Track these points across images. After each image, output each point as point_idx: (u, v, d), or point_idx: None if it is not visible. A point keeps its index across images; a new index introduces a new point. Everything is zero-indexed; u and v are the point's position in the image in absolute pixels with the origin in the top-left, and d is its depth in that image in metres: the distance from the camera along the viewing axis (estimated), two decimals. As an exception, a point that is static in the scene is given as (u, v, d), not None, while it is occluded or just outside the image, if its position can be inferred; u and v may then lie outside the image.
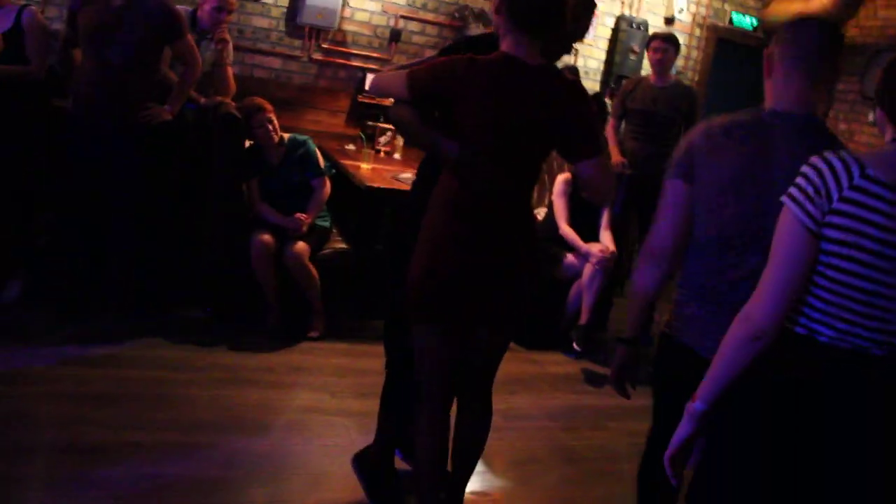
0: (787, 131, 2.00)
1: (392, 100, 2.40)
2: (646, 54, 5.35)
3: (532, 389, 4.23)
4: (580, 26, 2.60)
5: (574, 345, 4.67)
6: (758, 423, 1.76)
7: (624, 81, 5.64)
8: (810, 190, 1.67)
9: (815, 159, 1.69)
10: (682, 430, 1.84)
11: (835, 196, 1.65)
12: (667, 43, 5.16)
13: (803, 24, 2.09)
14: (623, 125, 5.42)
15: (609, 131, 5.32)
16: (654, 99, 5.16)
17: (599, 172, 2.33)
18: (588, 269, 4.67)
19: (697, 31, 7.14)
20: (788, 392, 1.71)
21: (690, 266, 2.16)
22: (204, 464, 2.99)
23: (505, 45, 2.29)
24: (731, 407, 1.78)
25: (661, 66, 5.16)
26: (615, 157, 5.19)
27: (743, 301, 1.76)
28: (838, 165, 1.66)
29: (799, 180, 1.70)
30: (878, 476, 1.68)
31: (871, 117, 7.21)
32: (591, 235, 4.82)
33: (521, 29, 2.25)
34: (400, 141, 5.73)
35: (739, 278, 2.02)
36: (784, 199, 1.71)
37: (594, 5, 2.69)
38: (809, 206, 1.66)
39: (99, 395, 3.35)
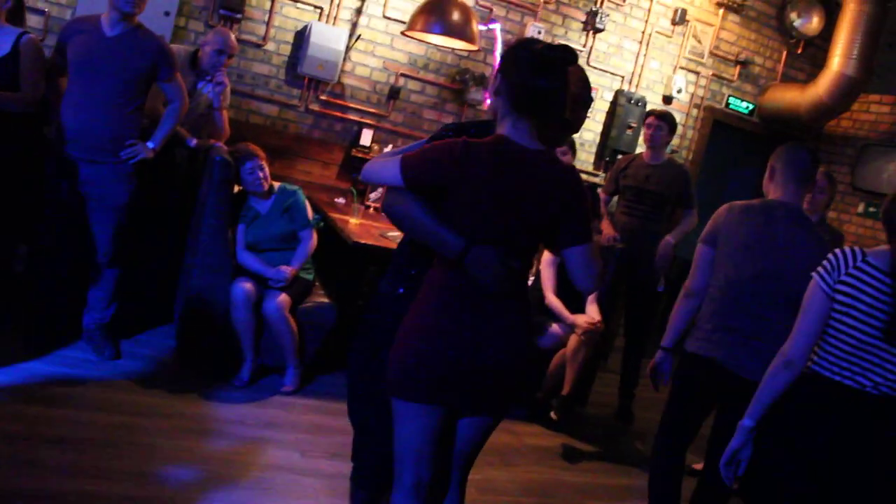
0: (785, 215, 3.03)
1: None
2: (641, 130, 5.36)
3: (509, 462, 4.10)
4: (576, 118, 2.55)
5: (552, 414, 4.56)
6: (790, 438, 2.54)
7: (619, 158, 5.64)
8: (829, 267, 2.50)
9: (836, 249, 2.52)
10: (735, 442, 2.60)
11: (842, 272, 2.47)
12: (661, 120, 5.16)
13: (796, 149, 3.10)
14: (615, 200, 5.41)
15: (601, 207, 5.31)
16: (647, 177, 5.15)
17: (587, 260, 2.23)
18: (573, 341, 4.59)
19: (694, 112, 7.19)
20: (808, 418, 2.51)
21: (718, 303, 3.07)
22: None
23: (502, 129, 2.23)
24: (770, 426, 2.57)
25: (654, 142, 5.15)
26: (608, 230, 5.16)
27: (758, 329, 2.95)
28: (848, 253, 2.49)
29: (824, 262, 2.52)
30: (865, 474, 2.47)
31: (860, 208, 7.25)
32: (577, 307, 4.75)
33: (521, 112, 2.19)
34: (391, 198, 5.68)
35: (755, 313, 2.98)
36: (813, 273, 2.53)
37: (590, 101, 2.64)
38: (827, 278, 2.50)
39: (58, 438, 3.20)
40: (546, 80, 2.16)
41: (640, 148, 6.36)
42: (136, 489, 2.99)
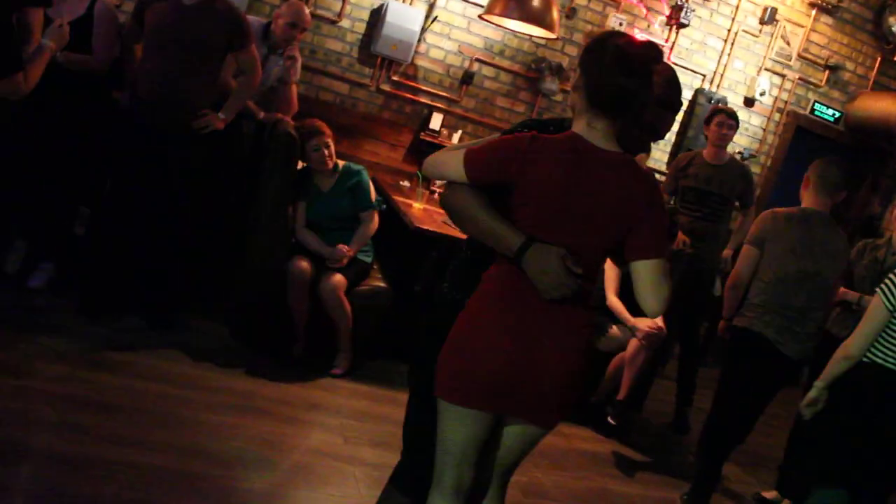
0: (820, 222, 3.69)
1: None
2: (704, 129, 5.13)
3: (558, 466, 3.97)
4: (662, 123, 2.37)
5: (609, 419, 4.41)
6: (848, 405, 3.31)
7: (679, 156, 5.42)
8: (891, 285, 3.14)
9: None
10: (812, 393, 3.37)
11: None
12: (733, 120, 4.97)
13: (829, 164, 3.72)
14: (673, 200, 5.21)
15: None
16: (709, 178, 4.95)
17: (658, 277, 2.06)
18: (633, 344, 4.43)
19: (777, 116, 6.91)
20: (860, 391, 3.27)
21: (770, 293, 3.67)
22: (202, 498, 2.79)
23: (577, 126, 2.09)
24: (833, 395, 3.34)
25: (724, 142, 4.95)
26: (679, 234, 4.97)
27: (801, 316, 3.65)
28: None
29: (886, 280, 3.19)
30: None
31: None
32: (639, 310, 4.57)
33: (598, 111, 2.04)
34: (456, 184, 5.57)
35: (797, 305, 3.64)
36: (877, 289, 3.21)
37: (679, 105, 2.45)
38: (889, 296, 3.15)
39: (105, 405, 3.19)
40: (627, 79, 2.01)
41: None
42: (177, 462, 2.95)
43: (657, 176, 6.19)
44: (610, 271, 4.64)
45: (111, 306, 4.02)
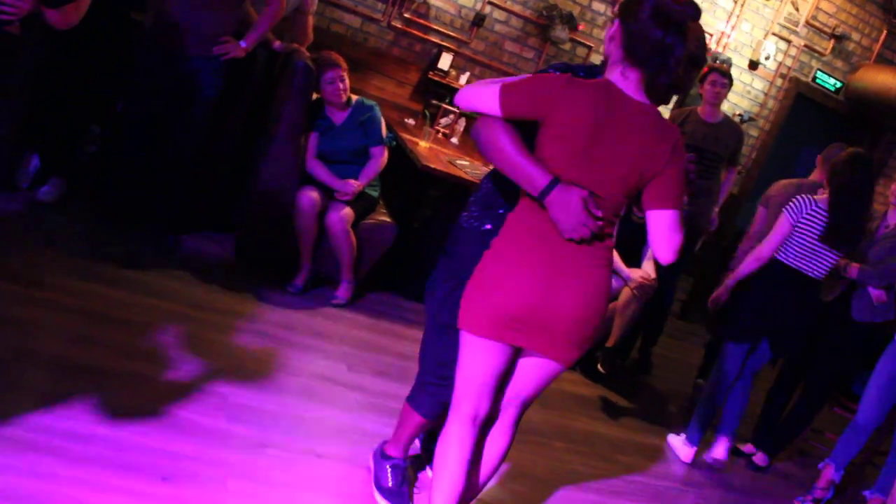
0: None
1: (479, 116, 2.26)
2: (699, 88, 5.21)
3: (546, 405, 4.12)
4: (686, 78, 2.44)
5: (599, 366, 4.56)
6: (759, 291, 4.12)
7: (672, 113, 5.50)
8: (795, 208, 3.96)
9: (798, 196, 4.01)
10: (720, 291, 4.33)
11: (803, 213, 3.93)
12: (726, 78, 5.05)
13: (837, 149, 4.34)
14: None
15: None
16: (704, 135, 5.03)
17: (673, 228, 2.17)
18: (625, 294, 4.55)
19: (779, 82, 6.97)
20: (769, 280, 4.10)
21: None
22: (207, 412, 2.90)
23: (611, 75, 2.17)
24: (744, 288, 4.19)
25: (718, 100, 5.04)
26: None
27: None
28: (805, 200, 3.96)
29: (791, 203, 4.00)
30: None
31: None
32: (634, 262, 4.70)
33: (632, 62, 2.12)
34: (461, 126, 5.62)
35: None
36: (784, 209, 4.02)
37: (704, 62, 2.52)
38: (794, 214, 3.95)
39: (115, 319, 3.27)
40: (664, 33, 2.08)
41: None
42: (184, 376, 3.05)
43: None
44: (608, 222, 4.73)
45: (121, 224, 4.08)
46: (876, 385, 4.04)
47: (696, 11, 2.15)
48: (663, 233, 2.17)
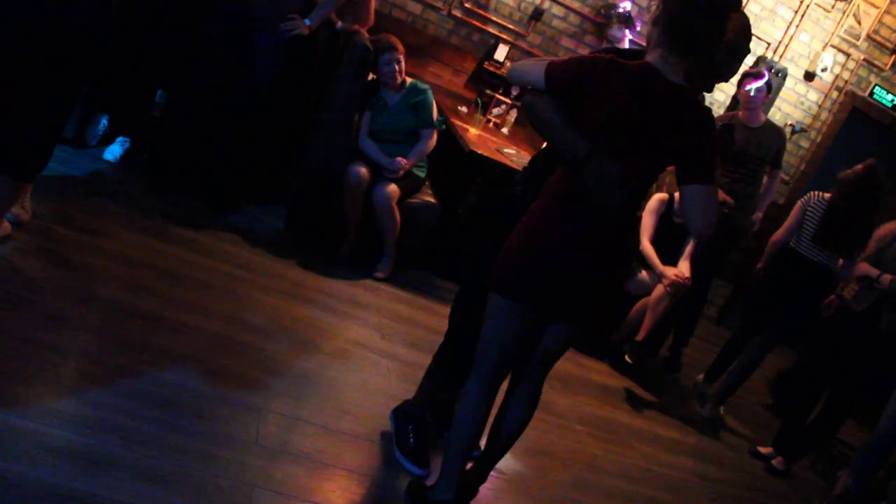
0: None
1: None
2: (737, 93, 5.27)
3: (572, 391, 4.25)
4: (727, 67, 2.56)
5: (626, 357, 4.67)
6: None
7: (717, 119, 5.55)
8: (805, 199, 4.55)
9: (812, 192, 4.54)
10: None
11: (811, 202, 4.53)
12: (762, 79, 5.09)
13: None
14: None
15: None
16: (747, 139, 5.08)
17: (705, 201, 2.29)
18: (658, 290, 4.66)
19: (834, 94, 6.96)
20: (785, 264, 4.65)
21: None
22: (248, 363, 3.10)
23: (651, 57, 2.30)
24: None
25: (755, 103, 5.08)
26: (723, 196, 5.13)
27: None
28: (816, 195, 4.48)
29: (805, 196, 4.59)
30: None
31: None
32: (670, 260, 4.80)
33: (672, 45, 2.25)
34: (512, 116, 5.76)
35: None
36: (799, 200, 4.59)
37: (746, 52, 2.63)
38: (804, 204, 4.54)
39: (171, 272, 3.49)
40: (705, 20, 2.22)
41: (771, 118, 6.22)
42: (227, 329, 3.26)
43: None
44: (647, 218, 4.84)
45: (179, 186, 4.30)
46: (894, 393, 4.09)
47: (738, 1, 2.28)
48: (697, 205, 2.31)
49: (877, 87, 7.04)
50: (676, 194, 4.57)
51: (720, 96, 6.67)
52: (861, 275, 4.25)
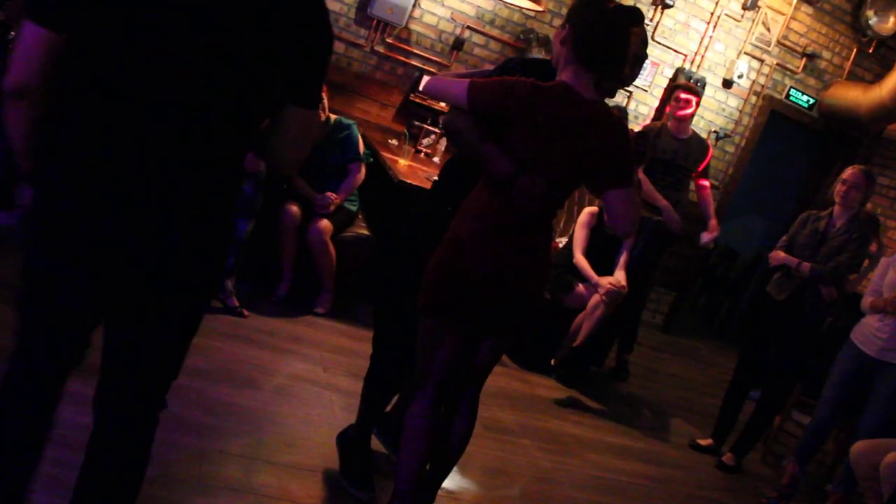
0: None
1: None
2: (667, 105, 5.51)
3: (518, 407, 4.31)
4: (630, 75, 2.69)
5: (552, 361, 4.74)
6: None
7: (645, 127, 5.77)
8: None
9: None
10: None
11: None
12: (691, 94, 5.36)
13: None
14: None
15: (643, 176, 5.37)
16: (676, 151, 5.32)
17: (627, 203, 2.42)
18: (594, 299, 4.75)
19: (753, 99, 7.20)
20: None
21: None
22: (189, 406, 3.10)
23: (565, 76, 2.40)
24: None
25: (684, 116, 5.32)
26: (662, 201, 5.29)
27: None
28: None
29: None
30: None
31: (908, 216, 7.23)
32: (606, 271, 4.90)
33: (583, 64, 2.36)
34: (442, 145, 5.86)
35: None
36: None
37: (645, 58, 2.78)
38: None
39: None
40: (611, 39, 2.34)
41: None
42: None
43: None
44: (579, 232, 4.95)
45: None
46: (832, 384, 4.23)
47: (640, 17, 2.41)
48: (618, 208, 2.43)
49: (792, 90, 7.29)
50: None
51: (643, 109, 6.85)
52: (778, 263, 4.40)
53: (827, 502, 4.19)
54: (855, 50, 7.39)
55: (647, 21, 6.52)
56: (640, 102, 6.79)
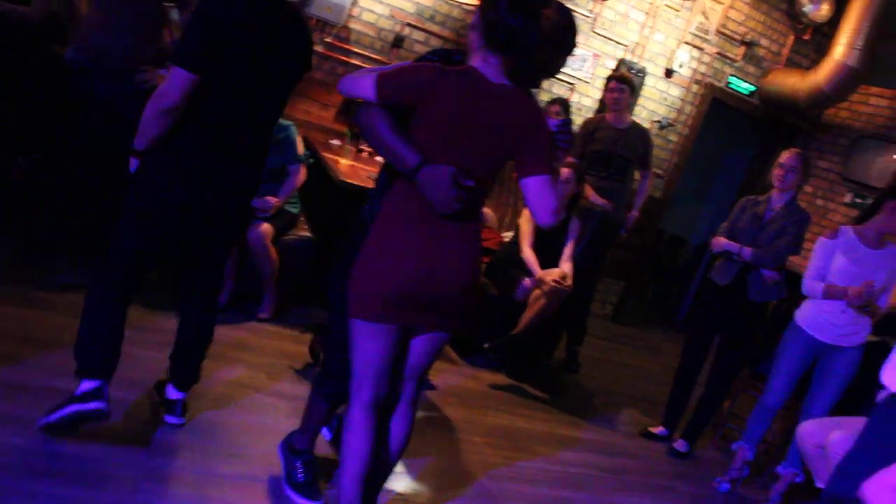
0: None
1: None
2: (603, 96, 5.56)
3: (467, 404, 4.28)
4: (553, 62, 2.65)
5: (486, 344, 4.71)
6: None
7: (585, 121, 5.80)
8: None
9: None
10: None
11: None
12: (623, 83, 5.37)
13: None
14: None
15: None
16: (615, 141, 5.34)
17: (543, 191, 2.37)
18: (538, 291, 4.74)
19: (694, 88, 7.26)
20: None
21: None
22: (129, 419, 3.02)
23: (474, 61, 2.37)
24: None
25: (619, 105, 5.37)
26: (599, 199, 5.30)
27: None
28: None
29: None
30: None
31: (847, 198, 7.35)
32: (553, 263, 4.90)
33: (491, 48, 2.33)
34: (385, 144, 5.80)
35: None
36: None
37: (572, 47, 2.72)
38: None
39: (39, 339, 3.38)
40: (518, 20, 2.30)
41: (637, 118, 6.44)
42: (112, 391, 3.15)
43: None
44: (525, 225, 4.94)
45: (43, 247, 4.18)
46: (782, 371, 4.26)
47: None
48: (537, 196, 2.38)
49: (732, 78, 7.38)
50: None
51: (587, 101, 6.87)
52: (721, 249, 4.43)
53: (777, 483, 4.23)
54: (792, 37, 7.50)
55: (587, 12, 6.57)
56: (584, 95, 6.80)
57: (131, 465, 2.77)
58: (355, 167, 5.10)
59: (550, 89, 6.55)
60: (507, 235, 5.34)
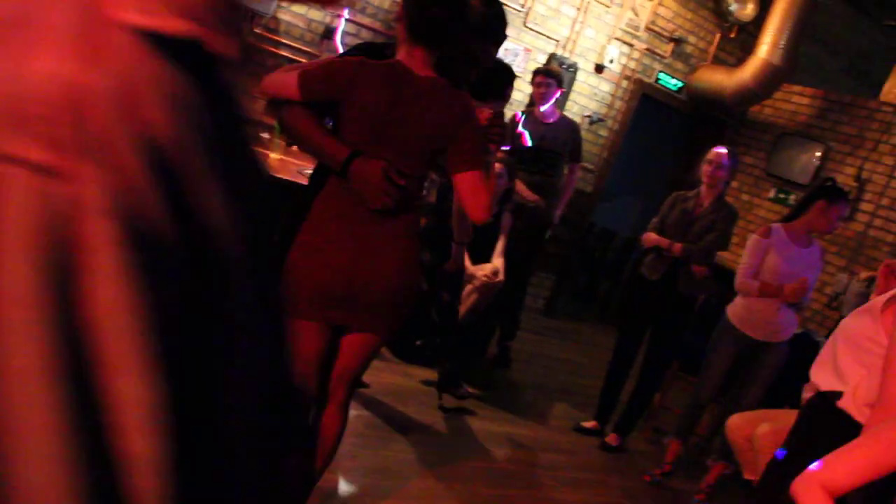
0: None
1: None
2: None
3: (402, 402, 4.23)
4: (483, 53, 2.62)
5: (418, 341, 4.68)
6: None
7: (513, 115, 5.79)
8: None
9: None
10: None
11: None
12: (549, 77, 5.34)
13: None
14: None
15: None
16: (542, 135, 5.31)
17: (476, 187, 2.33)
18: (469, 286, 4.71)
19: (624, 83, 7.33)
20: None
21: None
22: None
23: (399, 54, 2.32)
24: None
25: (545, 99, 5.33)
26: (530, 194, 5.28)
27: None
28: None
29: None
30: None
31: (771, 193, 7.53)
32: (485, 258, 4.87)
33: (415, 40, 2.28)
34: (315, 137, 5.70)
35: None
36: None
37: (502, 38, 2.69)
38: None
39: None
40: (439, 11, 2.26)
41: (567, 112, 6.47)
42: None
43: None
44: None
45: None
46: (714, 368, 4.30)
47: None
48: (469, 193, 2.34)
49: (661, 74, 7.47)
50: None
51: (518, 95, 6.86)
52: (651, 245, 4.47)
53: (708, 475, 4.29)
54: (718, 35, 7.64)
55: (518, 7, 6.56)
56: (516, 89, 6.75)
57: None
58: (285, 161, 5.00)
59: (483, 83, 6.52)
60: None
